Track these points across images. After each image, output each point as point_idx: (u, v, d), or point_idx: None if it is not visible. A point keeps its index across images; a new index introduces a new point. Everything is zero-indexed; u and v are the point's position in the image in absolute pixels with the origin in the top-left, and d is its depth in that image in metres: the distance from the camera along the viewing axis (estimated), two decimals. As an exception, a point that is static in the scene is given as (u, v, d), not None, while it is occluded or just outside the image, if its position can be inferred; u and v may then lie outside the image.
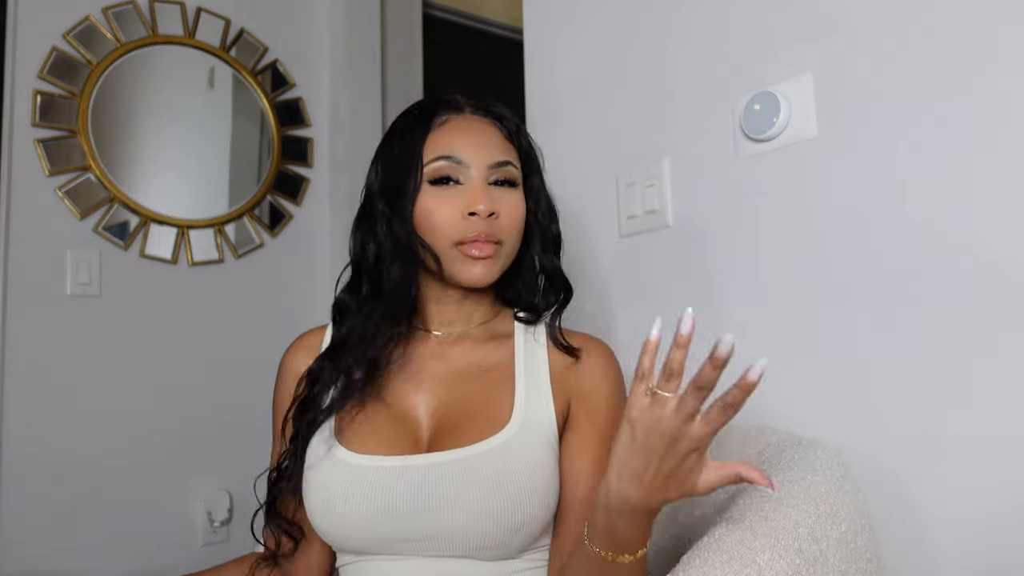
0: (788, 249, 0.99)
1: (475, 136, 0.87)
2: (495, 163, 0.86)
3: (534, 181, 0.92)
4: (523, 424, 0.82)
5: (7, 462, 1.76)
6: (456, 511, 0.78)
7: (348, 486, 0.80)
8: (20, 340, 1.79)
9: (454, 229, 0.83)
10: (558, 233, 0.93)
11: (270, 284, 2.17)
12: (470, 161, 0.85)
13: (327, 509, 0.81)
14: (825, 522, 0.76)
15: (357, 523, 0.80)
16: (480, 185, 0.85)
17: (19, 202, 1.82)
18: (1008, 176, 0.79)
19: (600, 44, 1.27)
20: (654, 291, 1.17)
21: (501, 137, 0.89)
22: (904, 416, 0.87)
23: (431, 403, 0.87)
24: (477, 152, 0.86)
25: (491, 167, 0.86)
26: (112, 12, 1.96)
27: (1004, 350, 0.79)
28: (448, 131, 0.87)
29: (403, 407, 0.87)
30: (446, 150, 0.85)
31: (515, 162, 0.89)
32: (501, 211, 0.85)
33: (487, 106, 0.91)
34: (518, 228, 0.87)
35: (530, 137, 0.94)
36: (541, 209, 0.92)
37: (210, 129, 2.12)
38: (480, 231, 0.83)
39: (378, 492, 0.79)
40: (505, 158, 0.87)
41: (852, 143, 0.93)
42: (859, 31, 0.92)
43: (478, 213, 0.83)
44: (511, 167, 0.88)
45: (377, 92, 2.37)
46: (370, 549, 0.81)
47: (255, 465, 2.23)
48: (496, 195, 0.86)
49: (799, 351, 0.98)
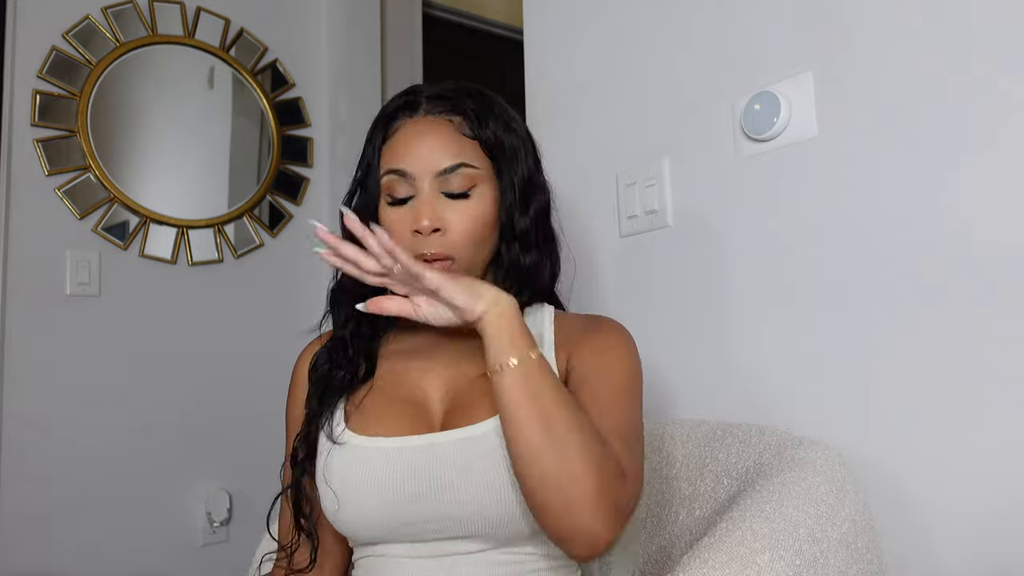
0: (788, 249, 0.99)
1: (423, 143, 0.85)
2: (441, 171, 0.83)
3: (506, 171, 0.87)
4: None
5: (7, 462, 1.76)
6: (466, 488, 0.77)
7: (359, 469, 0.80)
8: (20, 340, 1.79)
9: (410, 247, 0.82)
10: (525, 227, 0.88)
11: (270, 284, 2.17)
12: (415, 172, 0.84)
13: (339, 495, 0.80)
14: (826, 523, 0.76)
15: (370, 507, 0.79)
16: (426, 199, 0.83)
17: (18, 202, 1.82)
18: (1009, 176, 0.79)
19: (600, 44, 1.27)
20: (654, 291, 1.17)
21: (455, 136, 0.85)
22: (905, 416, 0.87)
23: (441, 386, 0.87)
24: (423, 162, 0.84)
25: (438, 175, 0.83)
26: (112, 12, 1.96)
27: (1005, 350, 0.79)
28: (399, 140, 0.86)
29: (413, 390, 0.87)
30: (395, 162, 0.85)
31: (473, 161, 0.85)
32: (449, 225, 0.83)
33: (446, 97, 0.87)
34: (469, 239, 0.84)
35: (510, 120, 0.89)
36: (508, 201, 0.87)
37: (210, 129, 2.11)
38: (428, 250, 0.82)
39: (384, 473, 0.79)
40: (455, 162, 0.83)
41: (852, 143, 0.93)
42: (859, 31, 0.92)
43: (421, 231, 0.82)
44: (464, 169, 0.84)
45: (377, 92, 2.37)
46: (384, 536, 0.81)
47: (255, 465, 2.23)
48: (446, 206, 0.83)
49: (799, 351, 0.98)
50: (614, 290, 1.23)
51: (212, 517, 1.98)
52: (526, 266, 0.89)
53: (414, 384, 0.87)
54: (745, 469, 0.88)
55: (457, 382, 0.86)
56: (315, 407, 0.87)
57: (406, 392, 0.87)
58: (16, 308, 1.80)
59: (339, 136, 2.28)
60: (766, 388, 1.01)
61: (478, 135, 0.86)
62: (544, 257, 0.91)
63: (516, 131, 0.90)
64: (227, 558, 1.97)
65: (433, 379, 0.87)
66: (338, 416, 0.86)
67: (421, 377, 0.88)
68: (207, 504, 1.99)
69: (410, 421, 0.84)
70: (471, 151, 0.85)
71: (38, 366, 1.81)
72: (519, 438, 0.71)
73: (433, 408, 0.85)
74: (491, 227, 0.86)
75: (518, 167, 0.88)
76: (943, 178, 0.84)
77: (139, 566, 1.88)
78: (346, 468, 0.81)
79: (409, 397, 0.86)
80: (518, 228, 0.88)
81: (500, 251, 0.89)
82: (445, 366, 0.88)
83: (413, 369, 0.88)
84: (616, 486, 0.72)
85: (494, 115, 0.87)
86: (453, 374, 0.87)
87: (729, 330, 1.07)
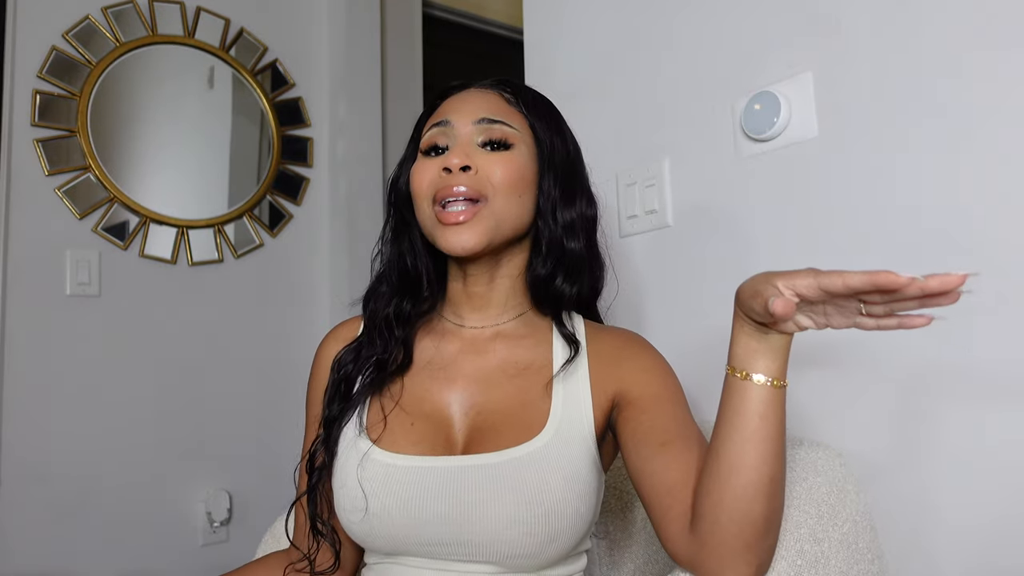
0: (788, 249, 0.99)
1: (467, 99, 0.85)
2: (480, 119, 0.82)
3: (547, 144, 0.85)
4: (559, 430, 0.78)
5: (7, 462, 1.76)
6: (488, 518, 0.75)
7: (378, 485, 0.78)
8: (20, 340, 1.79)
9: (430, 187, 0.81)
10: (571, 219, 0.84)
11: (270, 284, 2.17)
12: (455, 120, 0.83)
13: (355, 507, 0.78)
14: (827, 523, 0.76)
15: (385, 524, 0.77)
16: (462, 143, 0.82)
17: (18, 202, 1.82)
18: (1009, 176, 0.79)
19: (600, 44, 1.27)
20: (654, 291, 1.17)
21: (499, 101, 0.85)
22: (905, 417, 0.87)
23: (466, 403, 0.83)
24: (463, 111, 0.83)
25: (476, 123, 0.82)
26: (112, 12, 1.96)
27: (1005, 351, 0.79)
28: (445, 105, 0.86)
29: (436, 406, 0.83)
30: (437, 118, 0.85)
31: (513, 123, 0.83)
32: (481, 167, 0.80)
33: (497, 79, 0.88)
34: (503, 184, 0.80)
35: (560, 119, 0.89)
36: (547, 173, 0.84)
37: (210, 129, 2.11)
38: (456, 186, 0.79)
39: (408, 493, 0.77)
40: (496, 117, 0.82)
41: (852, 143, 0.92)
42: (859, 31, 0.92)
43: (451, 167, 0.79)
44: (504, 127, 0.82)
45: (377, 92, 2.37)
46: (398, 550, 0.79)
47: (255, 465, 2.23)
48: (481, 154, 0.81)
49: (799, 351, 0.98)
50: (614, 290, 1.23)
51: (212, 517, 1.98)
52: (570, 249, 0.84)
53: (437, 399, 0.84)
54: (745, 469, 0.88)
55: (483, 398, 0.83)
56: (335, 411, 0.84)
57: (429, 408, 0.83)
58: (16, 308, 1.80)
59: (339, 136, 2.28)
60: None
61: (526, 105, 0.86)
62: (591, 262, 0.88)
63: (564, 130, 0.89)
64: (227, 558, 1.96)
65: (457, 394, 0.84)
66: (363, 421, 0.83)
67: (445, 392, 0.84)
68: (207, 504, 1.99)
69: (432, 440, 0.81)
70: (514, 117, 0.85)
71: (38, 366, 1.81)
72: (735, 459, 0.66)
73: (456, 426, 0.82)
74: (528, 183, 0.83)
75: (559, 147, 0.86)
76: (943, 178, 0.84)
77: (139, 566, 1.88)
78: (371, 483, 0.78)
79: (433, 413, 0.83)
80: (560, 212, 0.84)
81: (538, 225, 0.85)
82: (469, 380, 0.84)
83: (436, 383, 0.85)
84: (774, 546, 0.70)
85: (549, 104, 0.89)
86: (478, 389, 0.84)
87: (729, 329, 1.06)
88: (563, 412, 0.80)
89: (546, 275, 0.85)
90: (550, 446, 0.77)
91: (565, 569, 0.81)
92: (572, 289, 0.86)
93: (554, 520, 0.74)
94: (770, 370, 0.67)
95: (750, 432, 0.66)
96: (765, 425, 0.66)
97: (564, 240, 0.84)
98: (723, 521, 0.66)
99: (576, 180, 0.88)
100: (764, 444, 0.66)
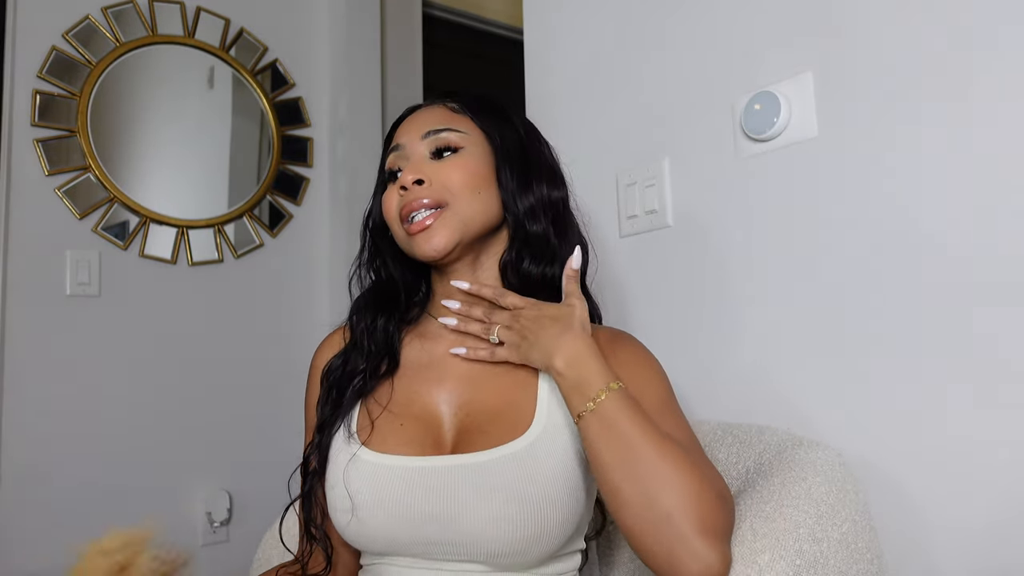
0: (788, 249, 0.99)
1: (415, 119, 0.89)
2: (426, 133, 0.86)
3: (496, 140, 0.87)
4: (545, 427, 0.79)
5: (7, 462, 1.76)
6: (475, 517, 0.76)
7: (364, 485, 0.79)
8: (20, 340, 1.79)
9: (396, 208, 0.85)
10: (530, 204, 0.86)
11: (270, 284, 2.17)
12: (406, 141, 0.87)
13: (344, 507, 0.80)
14: (826, 523, 0.76)
15: (373, 523, 0.78)
16: (414, 161, 0.85)
17: (18, 202, 1.82)
18: (1008, 176, 0.79)
19: (600, 44, 1.27)
20: (654, 291, 1.17)
21: (444, 112, 0.88)
22: (905, 417, 0.87)
23: (454, 402, 0.84)
24: (411, 131, 0.87)
25: (423, 138, 0.86)
26: (112, 12, 1.96)
27: (1005, 351, 0.79)
28: (398, 131, 0.90)
29: (426, 406, 0.85)
30: (392, 144, 0.89)
31: (461, 127, 0.86)
32: (434, 176, 0.84)
33: (444, 92, 0.92)
34: (459, 186, 0.83)
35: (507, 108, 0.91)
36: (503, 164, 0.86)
37: (210, 129, 2.11)
38: (415, 200, 0.83)
39: (395, 493, 0.78)
40: (440, 126, 0.86)
41: (852, 143, 0.92)
42: (859, 31, 0.92)
43: (406, 186, 0.84)
44: (449, 133, 0.86)
45: (377, 92, 2.37)
46: (389, 550, 0.80)
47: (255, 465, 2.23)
48: (432, 164, 0.85)
49: (799, 351, 0.98)
50: (614, 290, 1.23)
51: (212, 517, 1.98)
52: (533, 232, 0.86)
53: (426, 399, 0.85)
54: (745, 469, 0.88)
55: (471, 397, 0.84)
56: (327, 415, 0.86)
57: (419, 409, 0.84)
58: (16, 308, 1.80)
59: (339, 136, 2.28)
60: (766, 388, 1.01)
61: (469, 109, 0.89)
62: (560, 241, 0.88)
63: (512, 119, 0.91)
64: (227, 558, 1.97)
65: (446, 394, 0.85)
66: (352, 425, 0.84)
67: (434, 392, 0.85)
68: (207, 504, 1.99)
69: (422, 440, 0.82)
70: (461, 122, 0.88)
71: (38, 366, 1.81)
72: (604, 488, 0.72)
73: (445, 425, 0.83)
74: (484, 179, 0.85)
75: (510, 137, 0.89)
76: (943, 178, 0.84)
77: (139, 566, 1.87)
78: (358, 484, 0.80)
79: (422, 414, 0.84)
80: (519, 199, 0.86)
81: (506, 216, 0.87)
82: (458, 379, 0.86)
83: (426, 384, 0.86)
84: (716, 510, 0.69)
85: (495, 101, 0.91)
86: (466, 388, 0.85)
87: (729, 330, 1.06)
88: (550, 408, 0.81)
89: (513, 259, 0.87)
90: (537, 443, 0.78)
91: (557, 568, 0.81)
92: (538, 269, 0.87)
93: (541, 518, 0.75)
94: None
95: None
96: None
97: (526, 224, 0.86)
98: (636, 534, 0.70)
99: (532, 165, 0.89)
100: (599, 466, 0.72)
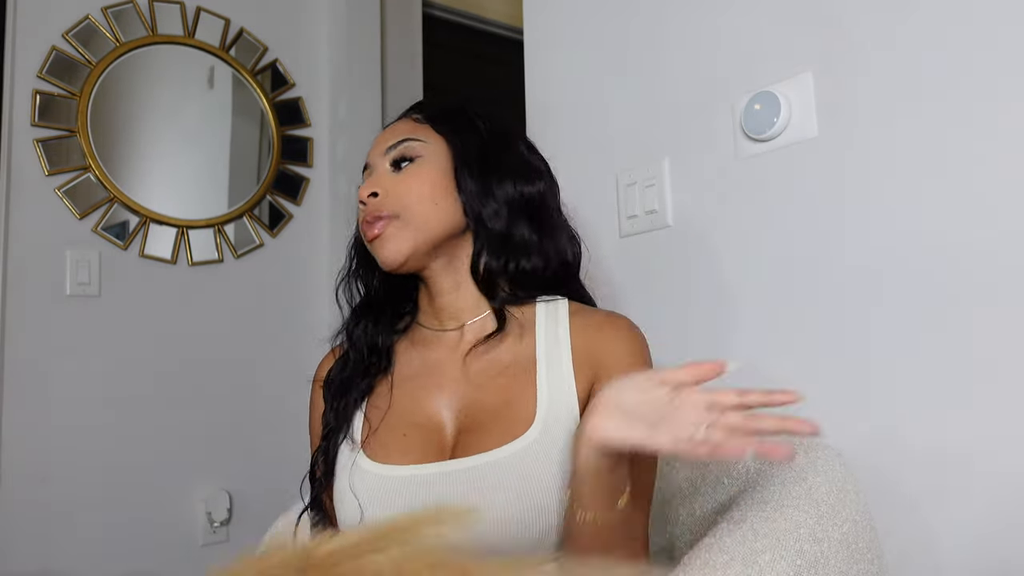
0: (788, 249, 0.99)
1: (381, 137, 0.91)
2: (387, 148, 0.88)
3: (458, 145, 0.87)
4: (546, 424, 0.80)
5: (7, 462, 1.76)
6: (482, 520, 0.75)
7: (371, 497, 0.80)
8: (20, 340, 1.79)
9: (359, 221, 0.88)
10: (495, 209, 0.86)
11: (270, 284, 2.17)
12: (373, 160, 0.89)
13: (353, 521, 0.80)
14: (827, 523, 0.76)
15: None
16: (377, 175, 0.88)
17: (18, 202, 1.81)
18: (1008, 176, 0.79)
19: (600, 44, 1.27)
20: (654, 291, 1.17)
21: (408, 124, 0.90)
22: (905, 417, 0.87)
23: (454, 406, 0.85)
24: (377, 149, 0.89)
25: (385, 154, 0.88)
26: (111, 12, 1.96)
27: (1006, 352, 0.79)
28: (370, 152, 0.91)
29: (427, 414, 0.85)
30: (365, 165, 0.91)
31: (419, 136, 0.87)
32: (389, 188, 0.85)
33: (410, 106, 0.94)
34: (417, 194, 0.84)
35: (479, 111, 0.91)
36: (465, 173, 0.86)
37: (210, 129, 2.11)
38: (369, 215, 0.85)
39: (400, 504, 0.79)
40: (401, 138, 0.87)
41: (852, 143, 0.93)
42: (859, 31, 0.92)
43: (364, 200, 0.86)
44: (407, 143, 0.87)
45: (377, 92, 2.37)
46: None
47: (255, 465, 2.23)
48: (390, 177, 0.87)
49: (799, 351, 0.98)
50: (614, 290, 1.23)
51: (212, 517, 1.98)
52: (492, 230, 0.86)
53: (427, 406, 0.85)
54: (745, 469, 0.88)
55: (470, 400, 0.84)
56: (332, 420, 0.87)
57: (420, 417, 0.85)
58: (16, 308, 1.79)
59: (339, 136, 2.28)
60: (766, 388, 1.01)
61: (429, 118, 0.90)
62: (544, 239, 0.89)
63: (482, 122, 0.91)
64: (227, 558, 1.96)
65: (445, 398, 0.85)
66: (356, 436, 0.86)
67: (434, 397, 0.86)
68: (207, 504, 1.99)
69: (423, 447, 0.82)
70: (422, 131, 0.89)
71: (38, 366, 1.81)
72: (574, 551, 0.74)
73: (446, 431, 0.84)
74: (442, 187, 0.86)
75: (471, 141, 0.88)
76: (943, 178, 0.84)
77: (139, 566, 1.87)
78: (366, 496, 0.80)
79: (423, 422, 0.84)
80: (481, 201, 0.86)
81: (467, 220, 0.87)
82: (456, 383, 0.86)
83: (425, 391, 0.87)
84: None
85: (456, 107, 0.92)
86: (465, 392, 0.85)
87: (729, 330, 1.06)
88: (549, 405, 0.81)
89: (475, 254, 0.88)
90: (538, 442, 0.78)
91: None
92: (503, 264, 0.87)
93: (545, 515, 0.76)
94: None
95: None
96: None
97: (487, 223, 0.86)
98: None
99: (493, 164, 0.88)
100: None
